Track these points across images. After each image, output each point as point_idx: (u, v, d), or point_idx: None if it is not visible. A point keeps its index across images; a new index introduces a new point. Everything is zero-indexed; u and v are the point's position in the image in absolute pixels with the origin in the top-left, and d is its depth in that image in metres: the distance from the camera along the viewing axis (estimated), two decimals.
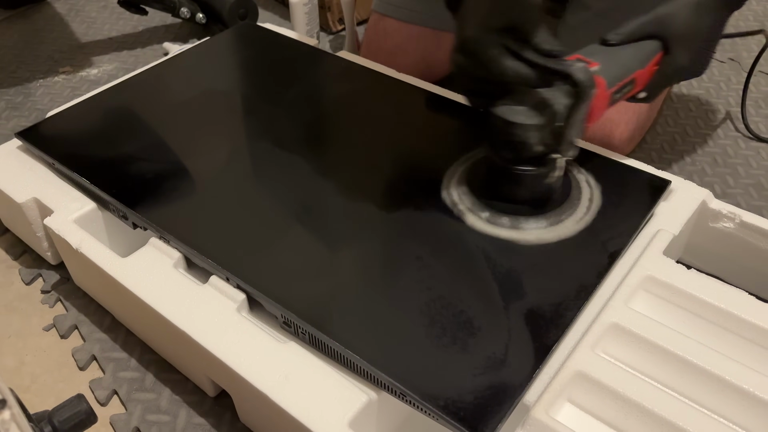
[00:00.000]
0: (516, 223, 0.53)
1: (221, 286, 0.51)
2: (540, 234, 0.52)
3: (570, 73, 0.47)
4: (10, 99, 0.91)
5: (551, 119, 0.48)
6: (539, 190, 0.53)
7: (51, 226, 0.57)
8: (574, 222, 0.53)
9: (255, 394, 0.45)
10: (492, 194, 0.54)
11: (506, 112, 0.49)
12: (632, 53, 0.54)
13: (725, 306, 0.48)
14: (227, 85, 0.73)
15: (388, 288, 0.50)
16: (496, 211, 0.53)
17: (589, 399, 0.44)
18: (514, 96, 0.50)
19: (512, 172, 0.52)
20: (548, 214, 0.53)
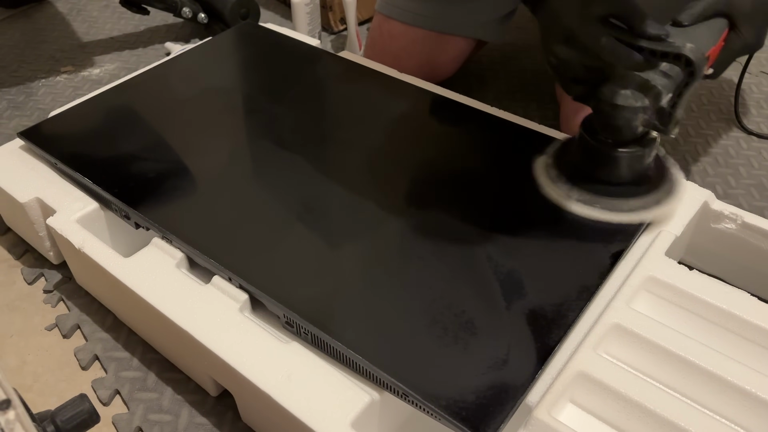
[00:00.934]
0: (618, 205, 0.54)
1: (224, 286, 0.51)
2: (643, 215, 0.54)
3: (684, 54, 0.48)
4: (12, 98, 0.91)
5: (656, 100, 0.50)
6: (640, 170, 0.55)
7: (53, 226, 0.57)
8: (674, 200, 0.55)
9: (257, 394, 0.45)
10: (589, 178, 0.55)
11: (614, 95, 0.51)
12: (705, 32, 0.55)
13: (727, 307, 0.48)
14: (229, 85, 0.73)
15: (391, 288, 0.50)
16: (595, 194, 0.55)
17: (592, 399, 0.44)
18: (616, 80, 0.51)
19: (614, 154, 0.53)
20: (649, 195, 0.55)
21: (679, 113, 0.51)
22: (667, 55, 0.48)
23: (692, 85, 0.50)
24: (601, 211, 0.54)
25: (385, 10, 0.83)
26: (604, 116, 0.52)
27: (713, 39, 0.55)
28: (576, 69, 0.53)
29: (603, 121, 0.53)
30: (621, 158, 0.53)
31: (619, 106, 0.50)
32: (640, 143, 0.53)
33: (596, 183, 0.55)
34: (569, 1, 0.51)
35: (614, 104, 0.51)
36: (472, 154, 0.63)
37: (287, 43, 0.79)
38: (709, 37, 0.55)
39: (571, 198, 0.55)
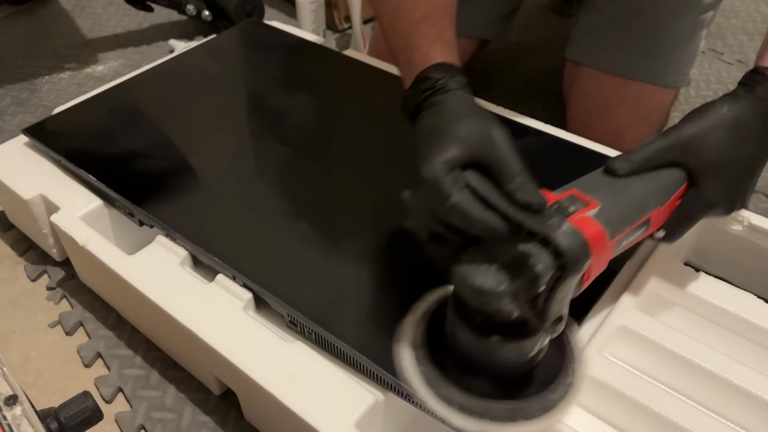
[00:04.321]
0: (483, 410, 0.39)
1: (228, 284, 0.51)
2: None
3: (552, 240, 0.35)
4: (16, 95, 0.91)
5: (530, 283, 0.35)
6: (518, 366, 0.40)
7: (57, 223, 0.57)
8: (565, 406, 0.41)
9: (261, 393, 0.45)
10: (459, 368, 0.41)
11: (472, 273, 0.36)
12: (646, 188, 0.42)
13: (733, 309, 0.48)
14: (233, 83, 0.73)
15: (395, 288, 0.50)
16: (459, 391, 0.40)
17: (597, 402, 0.44)
18: (483, 247, 0.37)
19: (482, 342, 0.39)
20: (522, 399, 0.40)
21: (553, 311, 0.36)
22: (534, 236, 0.35)
23: (567, 280, 0.35)
24: (457, 414, 0.39)
25: None
26: (458, 293, 0.39)
27: (656, 198, 0.42)
28: (434, 225, 0.39)
29: (462, 298, 0.39)
30: (491, 348, 0.39)
31: (474, 288, 0.36)
32: (519, 332, 0.38)
33: (460, 371, 0.41)
34: (436, 137, 0.39)
35: (469, 284, 0.36)
36: None
37: (292, 41, 0.79)
38: (649, 197, 0.42)
39: (428, 392, 0.40)
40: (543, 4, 1.10)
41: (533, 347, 0.39)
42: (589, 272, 0.38)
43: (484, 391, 0.40)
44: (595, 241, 0.36)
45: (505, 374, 0.40)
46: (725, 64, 0.95)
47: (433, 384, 0.40)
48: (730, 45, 0.99)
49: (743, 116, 0.43)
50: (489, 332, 0.38)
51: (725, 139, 0.42)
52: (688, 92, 0.89)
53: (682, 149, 0.42)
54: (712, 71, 0.93)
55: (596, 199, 0.39)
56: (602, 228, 0.37)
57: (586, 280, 0.39)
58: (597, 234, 0.37)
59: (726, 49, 0.98)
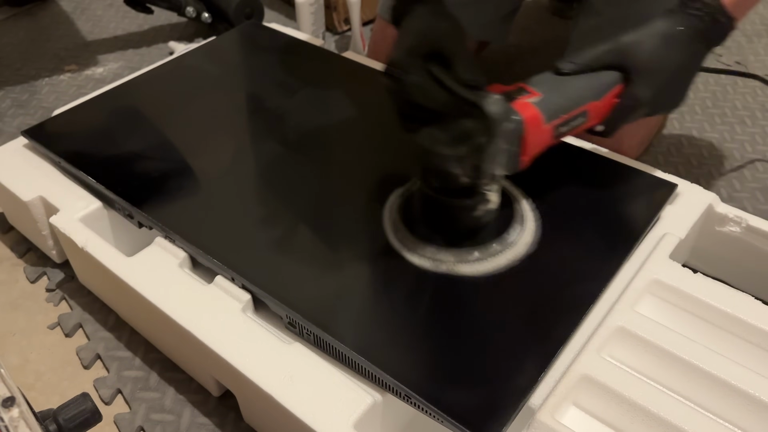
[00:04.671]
0: (447, 256, 0.50)
1: (226, 286, 0.51)
2: (475, 267, 0.50)
3: (480, 105, 0.44)
4: (16, 97, 0.91)
5: (474, 151, 0.45)
6: (468, 223, 0.50)
7: (56, 225, 0.57)
8: (512, 253, 0.51)
9: (259, 395, 0.45)
10: (427, 225, 0.52)
11: (428, 139, 0.46)
12: (585, 84, 0.50)
13: (731, 310, 0.48)
14: (233, 85, 0.73)
15: (394, 290, 0.50)
16: (431, 243, 0.51)
17: (595, 402, 0.44)
18: (441, 124, 0.46)
19: (440, 202, 0.49)
20: (483, 246, 0.50)
21: (488, 168, 0.45)
22: (469, 104, 0.44)
23: (493, 142, 0.44)
24: (434, 262, 0.50)
25: (387, 15, 0.83)
26: (422, 159, 0.48)
27: (592, 93, 0.50)
28: (405, 104, 0.47)
29: (423, 165, 0.49)
30: (447, 207, 0.49)
31: (430, 152, 0.46)
32: (466, 193, 0.48)
33: (430, 230, 0.51)
34: (408, 32, 0.48)
35: (426, 148, 0.46)
36: None
37: (291, 43, 0.79)
38: (586, 91, 0.50)
39: (404, 245, 0.51)
40: (542, 7, 1.10)
41: (477, 205, 0.49)
42: (525, 147, 0.47)
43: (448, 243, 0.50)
44: (530, 119, 0.47)
45: (460, 229, 0.50)
46: (724, 66, 0.95)
47: (406, 242, 0.51)
48: (728, 47, 0.99)
49: (674, 28, 0.50)
50: (446, 194, 0.49)
51: (657, 46, 0.50)
52: None
53: (619, 53, 0.50)
54: (711, 73, 0.93)
55: (539, 91, 0.48)
56: (538, 111, 0.47)
57: (524, 154, 0.48)
58: (533, 116, 0.47)
59: (724, 51, 0.98)
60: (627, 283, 0.50)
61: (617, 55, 0.50)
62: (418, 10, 0.49)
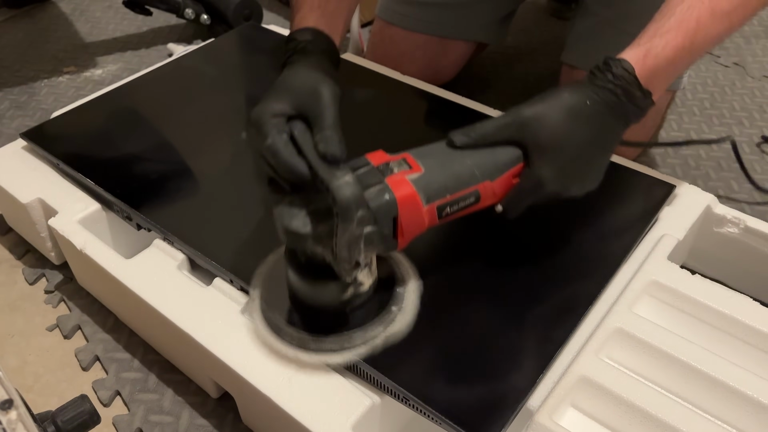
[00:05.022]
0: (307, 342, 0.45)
1: (225, 288, 0.51)
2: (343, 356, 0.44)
3: (331, 189, 0.39)
4: (15, 98, 0.91)
5: (331, 233, 0.40)
6: (336, 306, 0.45)
7: (55, 227, 0.57)
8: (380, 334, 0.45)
9: (258, 397, 0.45)
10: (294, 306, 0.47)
11: (283, 213, 0.41)
12: (477, 161, 0.44)
13: (729, 311, 0.48)
14: (231, 87, 0.73)
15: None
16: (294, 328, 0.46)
17: (593, 404, 0.44)
18: (302, 194, 0.42)
19: (304, 280, 0.44)
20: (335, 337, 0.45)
21: (343, 255, 0.40)
22: (322, 183, 0.39)
23: (345, 230, 0.39)
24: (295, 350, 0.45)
25: (385, 16, 0.83)
26: (282, 236, 0.42)
27: (485, 172, 0.44)
28: (263, 165, 0.43)
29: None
30: (310, 288, 0.44)
31: (281, 224, 0.41)
32: (332, 275, 0.42)
33: (300, 315, 0.46)
34: (273, 85, 0.45)
35: (280, 223, 0.41)
36: None
37: None
38: (478, 169, 0.44)
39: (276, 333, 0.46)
40: (540, 8, 1.10)
41: (343, 288, 0.44)
42: (401, 229, 0.42)
43: (321, 327, 0.45)
44: (405, 200, 0.41)
45: (330, 311, 0.45)
46: (722, 66, 0.95)
47: (274, 325, 0.46)
48: (726, 48, 0.99)
49: (581, 102, 0.44)
50: (308, 273, 0.44)
51: (561, 122, 0.44)
52: (684, 95, 0.89)
53: (519, 128, 0.44)
54: (709, 74, 0.94)
55: (423, 166, 0.43)
56: (414, 191, 0.42)
57: (401, 235, 0.42)
58: (407, 195, 0.41)
59: (722, 52, 0.98)
60: (625, 285, 0.50)
61: (517, 129, 0.44)
62: (294, 63, 0.47)
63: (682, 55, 0.45)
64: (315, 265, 0.43)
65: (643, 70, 0.44)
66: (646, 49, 0.45)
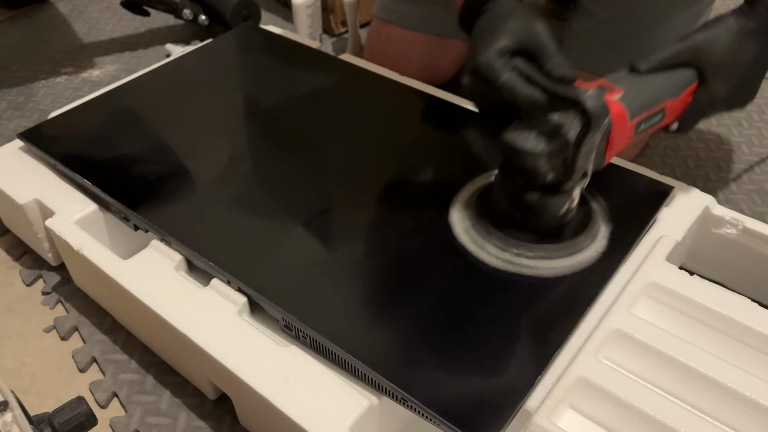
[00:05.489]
0: (529, 253, 0.50)
1: (222, 288, 0.51)
2: (555, 264, 0.50)
3: (580, 100, 0.44)
4: (12, 99, 0.91)
5: (563, 147, 0.45)
6: (553, 220, 0.51)
7: (52, 228, 0.57)
8: (592, 251, 0.51)
9: (255, 398, 0.45)
10: (504, 222, 0.52)
11: (516, 137, 0.46)
12: (662, 82, 0.51)
13: (728, 313, 0.48)
14: (229, 88, 0.73)
15: (390, 293, 0.50)
16: (507, 241, 0.51)
17: (591, 405, 0.44)
18: (526, 120, 0.47)
19: (524, 199, 0.49)
20: (564, 244, 0.51)
21: (580, 164, 0.46)
22: (567, 100, 0.44)
23: (591, 136, 0.44)
24: (513, 263, 0.50)
25: (383, 15, 0.83)
26: (506, 158, 0.48)
27: (670, 91, 0.51)
28: (488, 103, 0.49)
29: (507, 163, 0.49)
30: (531, 205, 0.49)
31: (517, 149, 0.46)
32: (554, 191, 0.48)
33: (510, 228, 0.51)
34: (488, 31, 0.48)
35: (513, 146, 0.46)
36: (474, 158, 0.63)
37: (288, 46, 0.79)
38: (664, 89, 0.50)
39: (484, 242, 0.51)
40: (538, 8, 1.10)
41: (563, 203, 0.49)
42: (611, 144, 0.47)
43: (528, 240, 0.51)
44: (617, 116, 0.46)
45: (542, 228, 0.51)
46: None
47: (477, 240, 0.52)
48: None
49: (747, 26, 0.50)
50: (530, 191, 0.49)
51: (730, 44, 0.50)
52: None
53: (693, 52, 0.50)
54: None
55: (620, 88, 0.48)
56: (624, 109, 0.47)
57: (609, 150, 0.48)
58: (618, 111, 0.47)
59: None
60: (623, 286, 0.50)
61: (692, 53, 0.50)
62: (495, 9, 0.50)
63: None
64: (533, 186, 0.48)
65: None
66: None
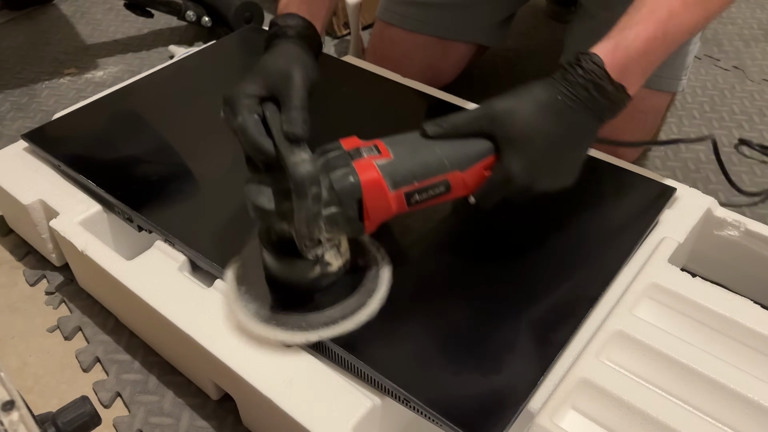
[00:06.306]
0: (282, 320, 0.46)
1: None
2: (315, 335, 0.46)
3: (286, 165, 0.41)
4: (16, 100, 0.92)
5: (288, 211, 0.42)
6: (303, 283, 0.46)
7: (56, 228, 0.57)
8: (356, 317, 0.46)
9: (258, 398, 0.45)
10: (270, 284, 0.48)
11: (252, 190, 0.43)
12: (447, 151, 0.45)
13: (729, 314, 0.48)
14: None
15: (393, 295, 0.50)
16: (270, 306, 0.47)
17: (594, 406, 0.44)
18: (274, 173, 0.43)
19: (269, 259, 0.46)
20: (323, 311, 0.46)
21: (301, 231, 0.42)
22: (283, 161, 0.41)
23: (301, 206, 0.41)
24: (264, 327, 0.46)
25: (385, 17, 0.83)
26: (251, 212, 0.44)
27: (454, 162, 0.44)
28: (242, 147, 0.46)
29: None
30: (279, 265, 0.46)
31: (249, 201, 0.43)
32: (298, 254, 0.44)
33: (272, 294, 0.48)
34: (254, 67, 0.47)
35: (248, 198, 0.43)
36: None
37: None
38: (447, 159, 0.44)
39: (241, 307, 0.47)
40: (540, 11, 1.10)
41: (309, 266, 0.45)
42: (367, 212, 0.43)
43: (288, 305, 0.47)
44: (369, 184, 0.43)
45: (302, 289, 0.46)
46: (721, 70, 0.95)
47: (248, 303, 0.47)
48: (726, 51, 0.99)
49: (552, 97, 0.44)
50: (278, 250, 0.45)
51: (531, 116, 0.44)
52: (684, 98, 0.90)
53: (490, 121, 0.45)
54: (709, 77, 0.94)
55: (393, 152, 0.44)
56: (380, 175, 0.43)
57: (366, 219, 0.43)
58: (372, 179, 0.43)
59: (722, 56, 0.98)
60: (626, 287, 0.50)
61: (488, 122, 0.45)
62: (274, 49, 0.50)
63: (654, 46, 0.45)
64: (284, 243, 0.45)
65: (614, 63, 0.44)
66: (616, 42, 0.45)
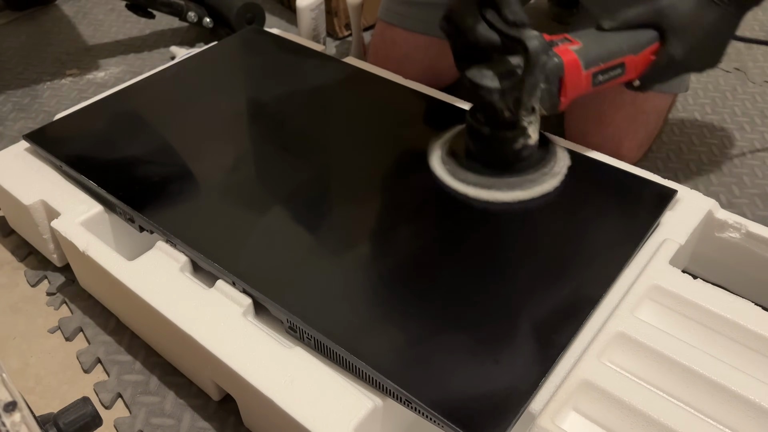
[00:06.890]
0: (490, 183, 0.57)
1: (227, 290, 0.51)
2: (515, 194, 0.56)
3: (521, 39, 0.50)
4: (17, 101, 0.92)
5: (515, 85, 0.52)
6: (509, 153, 0.57)
7: (58, 229, 0.57)
8: (548, 182, 0.57)
9: (260, 399, 0.45)
10: (471, 157, 0.59)
11: (475, 74, 0.53)
12: (623, 38, 0.55)
13: (731, 316, 0.48)
14: (234, 90, 0.73)
15: (394, 295, 0.50)
16: (473, 172, 0.57)
17: (595, 408, 0.44)
18: (489, 62, 0.54)
19: (484, 133, 0.56)
20: (522, 176, 0.57)
21: (525, 100, 0.52)
22: (512, 39, 0.51)
23: (532, 74, 0.50)
24: (475, 189, 0.56)
25: (387, 17, 0.83)
26: (469, 93, 0.55)
27: (629, 47, 0.55)
28: (459, 46, 0.56)
29: (470, 99, 0.56)
30: (491, 139, 0.56)
31: (476, 84, 0.53)
32: (507, 126, 0.55)
33: (477, 163, 0.58)
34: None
35: (473, 82, 0.53)
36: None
37: (292, 48, 0.79)
38: (623, 44, 0.55)
39: (453, 176, 0.58)
40: (542, 13, 1.10)
41: (517, 138, 0.55)
42: (564, 89, 0.53)
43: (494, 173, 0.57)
44: (569, 63, 0.53)
45: (504, 161, 0.57)
46: (723, 72, 0.95)
47: (454, 172, 0.58)
48: (727, 53, 0.99)
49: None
50: (491, 125, 0.56)
51: (691, 8, 0.54)
52: (686, 100, 0.90)
53: (656, 13, 0.54)
54: (710, 79, 0.94)
55: (580, 41, 0.54)
56: (576, 57, 0.53)
57: (563, 95, 0.53)
58: (571, 60, 0.53)
59: (724, 58, 0.98)
60: (627, 289, 0.50)
61: (654, 14, 0.54)
62: None
63: None
64: (492, 121, 0.55)
65: None
66: None
